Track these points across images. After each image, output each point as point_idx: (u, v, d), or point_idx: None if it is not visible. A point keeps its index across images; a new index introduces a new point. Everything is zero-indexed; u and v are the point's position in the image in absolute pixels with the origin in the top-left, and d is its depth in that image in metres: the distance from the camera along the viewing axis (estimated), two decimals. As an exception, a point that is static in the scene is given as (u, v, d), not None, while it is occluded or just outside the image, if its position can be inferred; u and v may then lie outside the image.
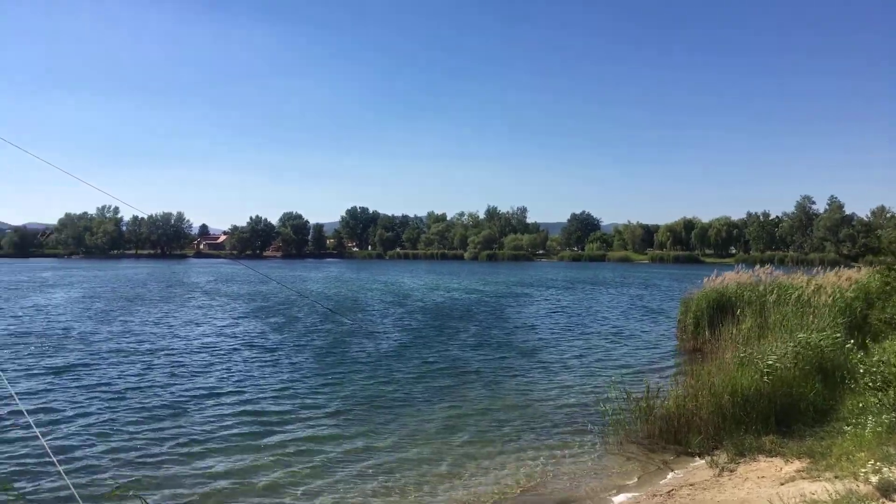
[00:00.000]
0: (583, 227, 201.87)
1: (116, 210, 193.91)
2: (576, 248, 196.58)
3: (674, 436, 12.30)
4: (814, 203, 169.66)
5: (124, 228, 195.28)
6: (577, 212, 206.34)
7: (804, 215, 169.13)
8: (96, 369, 20.07)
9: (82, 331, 29.14)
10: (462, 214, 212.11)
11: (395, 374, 19.44)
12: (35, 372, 19.57)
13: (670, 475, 11.09)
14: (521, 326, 32.24)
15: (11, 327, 30.18)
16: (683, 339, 24.69)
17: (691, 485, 10.33)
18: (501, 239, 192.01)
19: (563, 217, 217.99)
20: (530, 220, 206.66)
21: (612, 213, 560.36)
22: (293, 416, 14.70)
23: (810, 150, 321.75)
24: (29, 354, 22.65)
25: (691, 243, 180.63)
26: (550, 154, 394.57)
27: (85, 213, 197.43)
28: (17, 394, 16.06)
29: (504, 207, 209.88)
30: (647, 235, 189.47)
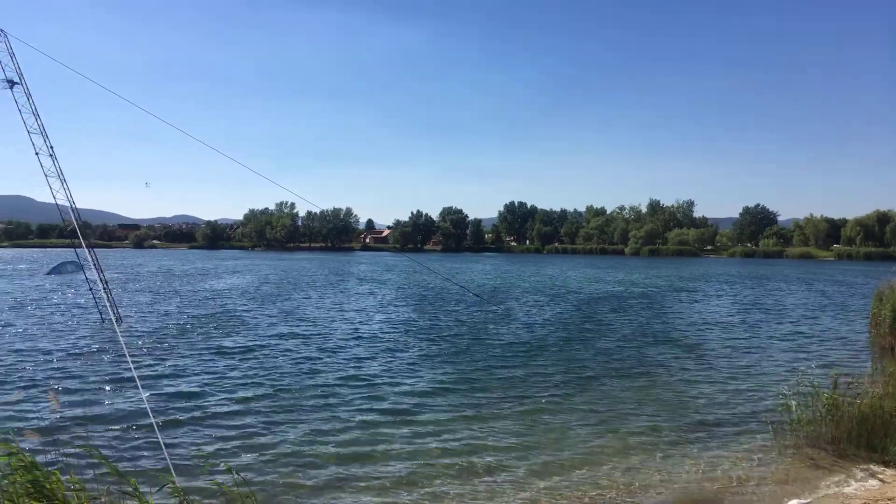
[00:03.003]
0: (757, 221, 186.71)
1: (293, 206, 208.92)
2: (749, 244, 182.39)
3: (866, 441, 10.46)
4: None
5: (299, 223, 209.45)
6: (751, 205, 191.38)
7: None
8: (257, 351, 21.05)
9: (247, 313, 31.05)
10: (622, 208, 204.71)
11: (545, 367, 18.14)
12: (185, 350, 20.85)
13: (860, 486, 9.23)
14: (688, 322, 29.73)
15: (187, 309, 32.87)
16: (877, 334, 21.52)
17: (889, 499, 8.48)
18: (665, 234, 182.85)
19: (733, 211, 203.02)
20: (697, 213, 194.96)
21: (791, 207, 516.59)
22: (431, 403, 13.98)
23: None
24: (181, 333, 24.32)
25: (885, 239, 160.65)
26: (720, 144, 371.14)
27: (266, 208, 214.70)
28: (168, 374, 17.02)
29: (668, 201, 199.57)
30: (832, 230, 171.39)
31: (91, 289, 25.62)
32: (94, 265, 24.94)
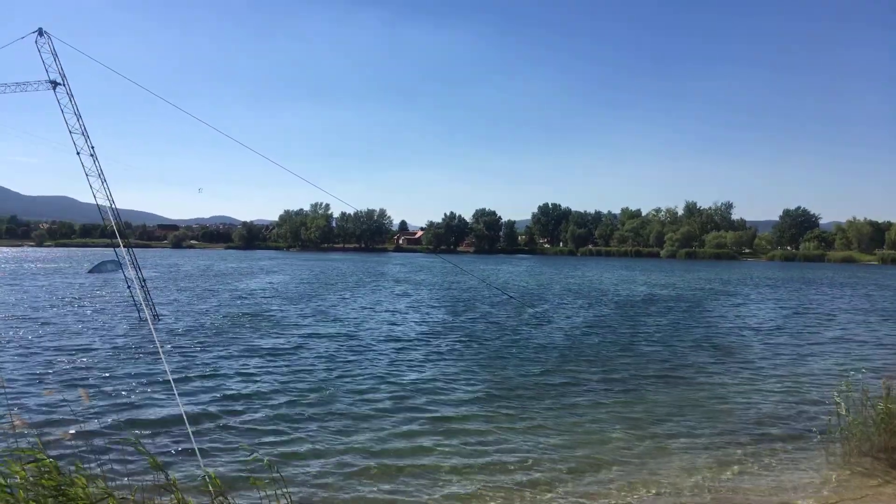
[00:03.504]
0: (798, 224, 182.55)
1: (327, 207, 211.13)
2: (789, 248, 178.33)
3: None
4: None
5: (333, 224, 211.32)
6: (791, 207, 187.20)
7: None
8: (285, 350, 21.04)
9: (281, 313, 31.21)
10: (658, 210, 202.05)
11: (584, 373, 17.61)
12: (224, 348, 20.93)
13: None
14: (730, 326, 28.98)
15: (223, 308, 33.20)
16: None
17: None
18: (702, 236, 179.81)
19: (773, 214, 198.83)
20: (735, 216, 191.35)
21: (834, 210, 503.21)
22: (468, 411, 13.47)
23: None
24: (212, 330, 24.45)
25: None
26: (761, 147, 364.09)
27: (301, 210, 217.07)
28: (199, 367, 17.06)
29: (705, 203, 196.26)
30: (876, 234, 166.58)
31: (129, 287, 25.99)
32: (133, 264, 25.28)
